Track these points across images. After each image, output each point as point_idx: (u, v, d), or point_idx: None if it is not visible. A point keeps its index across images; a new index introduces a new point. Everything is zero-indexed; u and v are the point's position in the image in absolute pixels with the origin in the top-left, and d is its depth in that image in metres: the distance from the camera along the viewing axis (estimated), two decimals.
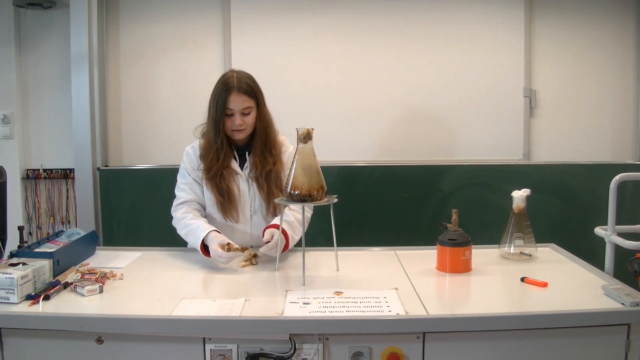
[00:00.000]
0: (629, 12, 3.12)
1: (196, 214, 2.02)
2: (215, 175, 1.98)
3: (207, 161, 1.99)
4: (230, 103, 1.91)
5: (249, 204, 2.02)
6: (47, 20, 3.10)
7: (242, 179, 2.02)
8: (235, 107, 1.91)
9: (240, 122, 1.92)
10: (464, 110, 3.10)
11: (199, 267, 1.88)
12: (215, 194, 1.99)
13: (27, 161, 3.19)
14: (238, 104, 1.91)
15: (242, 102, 1.91)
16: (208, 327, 1.40)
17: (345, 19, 3.06)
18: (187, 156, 2.08)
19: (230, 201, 1.99)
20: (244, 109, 1.93)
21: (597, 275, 1.70)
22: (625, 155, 3.18)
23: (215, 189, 1.98)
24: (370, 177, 3.07)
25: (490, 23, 3.08)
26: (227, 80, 1.93)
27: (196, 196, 2.05)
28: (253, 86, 1.95)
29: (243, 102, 1.92)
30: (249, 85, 1.94)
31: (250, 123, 1.96)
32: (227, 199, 1.98)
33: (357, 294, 1.55)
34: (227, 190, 1.98)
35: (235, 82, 1.92)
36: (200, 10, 3.08)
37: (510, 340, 1.42)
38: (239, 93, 1.91)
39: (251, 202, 2.02)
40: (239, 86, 1.91)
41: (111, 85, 3.12)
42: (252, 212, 2.03)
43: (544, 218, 2.90)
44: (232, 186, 1.99)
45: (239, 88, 1.91)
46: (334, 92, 3.08)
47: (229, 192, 1.98)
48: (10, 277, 1.46)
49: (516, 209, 1.87)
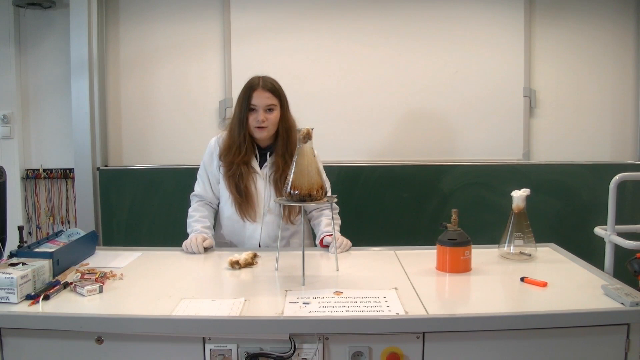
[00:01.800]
0: (629, 12, 3.12)
1: (203, 213, 2.14)
2: (235, 174, 2.06)
3: (230, 156, 2.07)
4: (254, 99, 2.01)
5: (264, 203, 2.09)
6: (47, 20, 3.10)
7: (260, 178, 2.09)
8: (259, 102, 2.01)
9: (263, 118, 2.00)
10: (463, 110, 3.10)
11: (199, 267, 1.88)
12: (234, 193, 2.07)
13: (27, 161, 3.19)
14: (262, 100, 2.01)
15: (265, 99, 2.01)
16: (208, 327, 1.40)
17: (345, 19, 3.06)
18: (208, 149, 2.18)
19: (247, 201, 2.07)
20: (268, 106, 2.02)
21: (597, 275, 1.70)
22: (625, 155, 3.18)
23: (234, 188, 2.07)
24: (370, 177, 3.07)
25: (490, 23, 3.08)
26: (253, 80, 2.06)
27: (206, 192, 2.16)
28: (277, 87, 2.06)
29: (267, 99, 2.01)
30: (273, 84, 2.05)
31: (273, 121, 2.03)
32: (244, 199, 2.06)
33: (356, 293, 1.55)
34: (245, 190, 2.06)
35: (260, 81, 2.04)
36: (201, 12, 3.08)
37: (510, 340, 1.42)
38: (263, 90, 2.01)
39: (266, 201, 2.08)
40: (263, 84, 2.03)
41: (111, 85, 3.12)
42: (265, 211, 2.09)
43: (543, 218, 2.90)
44: (250, 185, 2.07)
45: (263, 86, 2.02)
46: (334, 93, 3.08)
47: (247, 191, 2.06)
48: (10, 277, 1.46)
49: (516, 209, 1.87)
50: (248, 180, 2.06)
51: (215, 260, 1.96)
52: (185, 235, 2.12)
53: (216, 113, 3.11)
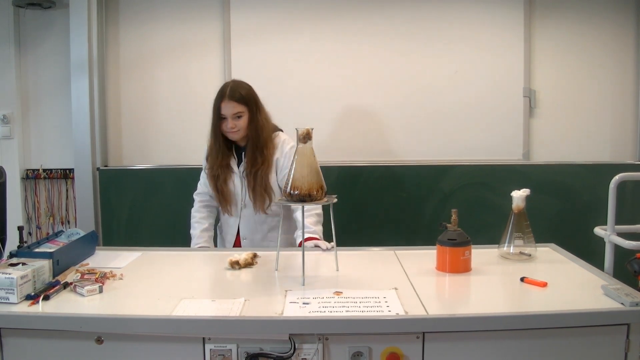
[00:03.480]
0: (629, 12, 3.12)
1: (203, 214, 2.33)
2: (215, 175, 2.25)
3: (211, 160, 2.27)
4: (223, 109, 2.15)
5: (241, 199, 2.26)
6: (47, 20, 3.10)
7: (237, 176, 2.26)
8: (227, 112, 2.15)
9: (232, 125, 2.16)
10: (463, 110, 3.10)
11: (198, 267, 1.88)
12: (214, 191, 2.28)
13: (27, 161, 3.19)
14: (229, 110, 2.15)
15: (232, 108, 2.14)
16: (208, 327, 1.40)
17: (345, 19, 3.07)
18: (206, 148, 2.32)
19: (225, 198, 2.26)
20: (235, 114, 2.16)
21: (597, 275, 1.70)
22: (624, 155, 3.18)
23: (214, 187, 2.27)
24: (370, 177, 3.07)
25: (490, 23, 3.08)
26: (222, 89, 2.18)
27: (207, 188, 2.32)
28: (245, 94, 2.17)
29: (233, 108, 2.14)
30: (240, 93, 2.16)
31: (242, 126, 2.18)
32: (222, 196, 2.25)
33: (356, 293, 1.55)
34: (222, 189, 2.25)
35: (228, 91, 2.16)
36: (201, 12, 3.08)
37: (509, 340, 1.42)
38: (230, 100, 2.14)
39: (243, 197, 2.25)
40: (230, 94, 2.15)
41: (111, 85, 3.12)
42: (242, 206, 2.27)
43: (543, 218, 2.90)
44: (229, 183, 2.26)
45: (230, 96, 2.14)
46: (334, 93, 3.09)
47: (224, 189, 2.25)
48: (10, 277, 1.46)
49: (516, 209, 1.87)
50: (226, 179, 2.24)
51: (215, 260, 1.96)
52: (185, 235, 2.31)
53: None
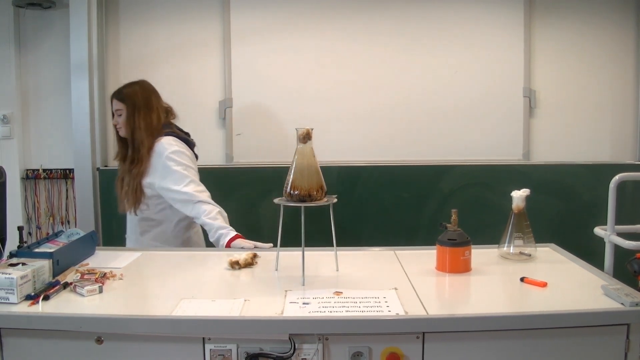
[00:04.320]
0: (629, 12, 3.12)
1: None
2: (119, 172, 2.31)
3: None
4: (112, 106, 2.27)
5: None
6: (47, 20, 3.10)
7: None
8: (113, 108, 2.27)
9: (114, 122, 2.27)
10: (463, 110, 3.10)
11: (198, 267, 1.88)
12: None
13: (27, 161, 3.19)
14: (113, 106, 2.27)
15: (114, 105, 2.26)
16: (208, 327, 1.40)
17: (345, 20, 3.07)
18: None
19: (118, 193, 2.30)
20: (116, 111, 2.26)
21: (597, 275, 1.70)
22: (625, 155, 3.18)
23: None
24: (370, 177, 3.07)
25: (490, 23, 3.08)
26: None
27: None
28: (126, 93, 2.24)
29: (115, 105, 2.25)
30: (122, 92, 2.25)
31: (122, 123, 2.24)
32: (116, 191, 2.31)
33: (356, 294, 1.55)
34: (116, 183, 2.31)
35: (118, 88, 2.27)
36: (201, 12, 3.08)
37: (509, 340, 1.42)
38: (113, 97, 2.26)
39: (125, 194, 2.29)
40: (115, 92, 2.27)
41: (111, 85, 3.11)
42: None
43: (543, 218, 2.90)
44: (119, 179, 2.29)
45: (114, 93, 2.27)
46: (334, 93, 3.09)
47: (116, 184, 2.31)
48: (10, 277, 1.46)
49: (516, 209, 1.87)
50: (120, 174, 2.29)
51: (215, 260, 1.96)
52: None
53: (216, 113, 3.11)
